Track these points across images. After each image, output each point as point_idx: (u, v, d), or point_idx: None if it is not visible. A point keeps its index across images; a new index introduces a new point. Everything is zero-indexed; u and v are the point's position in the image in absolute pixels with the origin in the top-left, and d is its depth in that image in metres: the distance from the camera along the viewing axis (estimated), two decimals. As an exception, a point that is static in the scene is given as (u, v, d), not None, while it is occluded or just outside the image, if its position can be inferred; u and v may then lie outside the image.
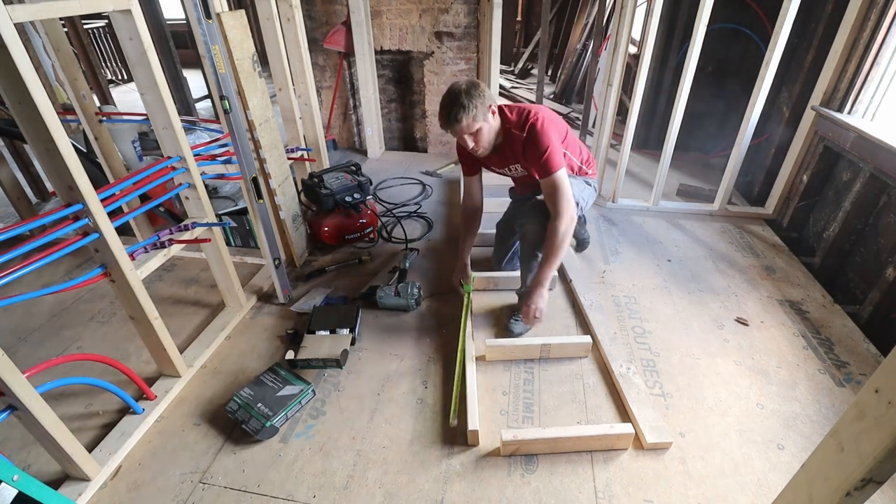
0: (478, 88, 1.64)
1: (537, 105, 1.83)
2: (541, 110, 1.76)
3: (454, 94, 1.63)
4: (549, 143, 1.68)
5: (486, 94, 1.65)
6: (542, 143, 1.68)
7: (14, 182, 2.65)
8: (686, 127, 2.70)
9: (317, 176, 2.56)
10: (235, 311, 2.08)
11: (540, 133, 1.68)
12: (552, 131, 1.71)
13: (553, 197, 1.69)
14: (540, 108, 1.79)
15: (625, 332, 1.97)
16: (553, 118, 1.78)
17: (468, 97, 1.61)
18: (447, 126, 1.68)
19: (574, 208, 1.69)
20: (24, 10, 1.14)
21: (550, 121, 1.75)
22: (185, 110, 4.26)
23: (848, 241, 2.26)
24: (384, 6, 3.38)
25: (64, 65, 1.91)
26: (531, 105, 1.80)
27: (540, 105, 1.86)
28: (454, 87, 1.65)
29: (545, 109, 1.80)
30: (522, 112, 1.75)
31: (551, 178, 1.67)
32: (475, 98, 1.62)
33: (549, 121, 1.73)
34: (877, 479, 0.74)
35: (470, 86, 1.64)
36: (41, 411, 1.20)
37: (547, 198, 1.72)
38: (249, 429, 1.53)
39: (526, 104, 1.80)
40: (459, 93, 1.62)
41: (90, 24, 6.51)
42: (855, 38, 2.24)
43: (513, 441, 1.45)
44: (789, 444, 1.50)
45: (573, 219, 1.68)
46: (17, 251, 1.22)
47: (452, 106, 1.62)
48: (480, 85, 1.65)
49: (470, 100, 1.61)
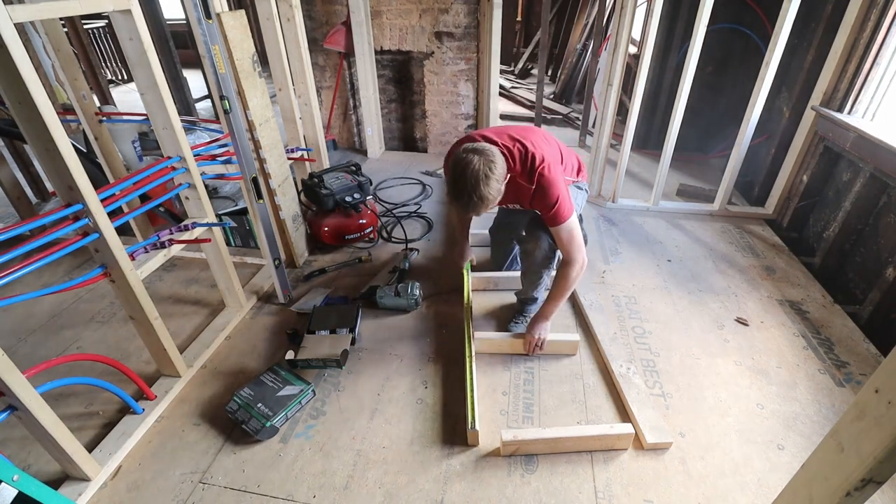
0: (494, 169, 1.44)
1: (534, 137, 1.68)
2: (543, 151, 1.62)
3: (472, 180, 1.42)
4: (558, 192, 1.58)
5: (500, 170, 1.47)
6: (551, 194, 1.58)
7: (14, 182, 2.65)
8: (686, 127, 2.70)
9: (317, 176, 2.56)
10: (235, 311, 2.08)
11: (549, 185, 1.57)
12: (559, 178, 1.60)
13: (565, 244, 1.64)
14: (540, 146, 1.64)
15: (625, 332, 1.97)
16: (553, 155, 1.67)
17: (487, 185, 1.43)
18: (465, 212, 1.56)
19: (584, 253, 1.65)
20: (24, 10, 1.14)
21: (555, 162, 1.64)
22: (185, 110, 4.26)
23: (848, 241, 2.26)
24: (384, 6, 3.38)
25: (64, 65, 1.91)
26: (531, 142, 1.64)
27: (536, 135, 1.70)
28: (469, 169, 1.43)
29: (544, 143, 1.68)
30: (527, 159, 1.60)
31: (562, 227, 1.60)
32: (493, 183, 1.45)
33: (553, 164, 1.61)
34: (877, 479, 0.74)
35: (487, 166, 1.43)
36: (41, 411, 1.20)
37: (558, 242, 1.67)
38: (249, 429, 1.53)
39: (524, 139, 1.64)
40: (477, 181, 1.42)
41: (90, 24, 6.51)
42: (855, 39, 2.24)
43: (513, 441, 1.45)
44: (789, 444, 1.50)
45: (584, 264, 1.65)
46: (17, 251, 1.22)
47: (472, 195, 1.44)
48: (495, 159, 1.46)
49: (488, 187, 1.44)
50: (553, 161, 1.64)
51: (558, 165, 1.68)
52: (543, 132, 1.81)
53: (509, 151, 1.60)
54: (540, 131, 1.79)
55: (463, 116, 3.75)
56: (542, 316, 1.78)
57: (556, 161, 1.68)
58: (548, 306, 1.75)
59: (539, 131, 1.78)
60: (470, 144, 1.51)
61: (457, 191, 1.47)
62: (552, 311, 1.76)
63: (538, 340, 1.77)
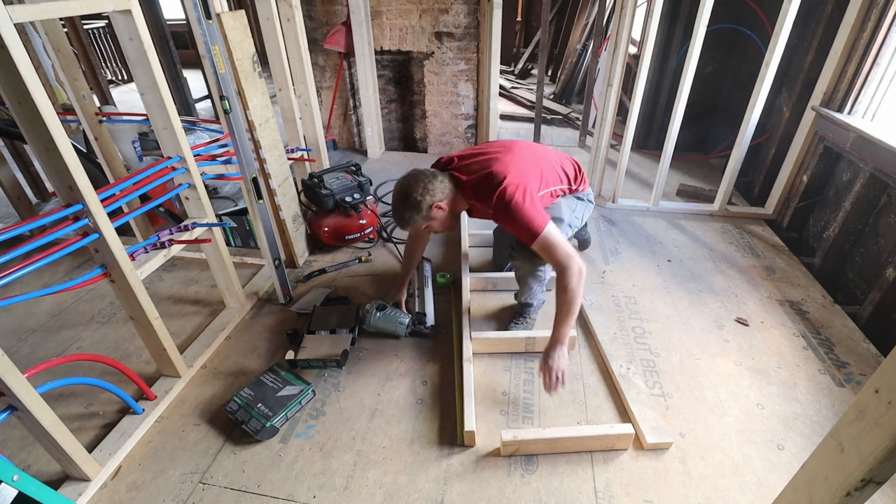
0: (413, 195, 1.58)
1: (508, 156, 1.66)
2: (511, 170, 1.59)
3: (395, 200, 1.64)
4: (521, 212, 1.52)
5: (426, 199, 1.58)
6: (513, 215, 1.53)
7: (14, 182, 2.65)
8: (686, 127, 2.70)
9: (317, 176, 2.56)
10: (235, 312, 2.08)
11: (508, 206, 1.53)
12: (523, 196, 1.54)
13: (550, 255, 1.54)
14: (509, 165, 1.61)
15: (625, 332, 1.97)
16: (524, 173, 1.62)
17: (405, 208, 1.60)
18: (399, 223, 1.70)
19: (578, 259, 1.52)
20: (24, 10, 1.14)
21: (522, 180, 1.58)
22: (185, 110, 4.26)
23: (848, 242, 2.26)
24: (384, 6, 3.38)
25: (64, 65, 1.91)
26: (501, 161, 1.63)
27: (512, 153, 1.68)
28: (396, 189, 1.64)
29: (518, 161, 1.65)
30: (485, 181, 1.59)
31: (539, 241, 1.52)
32: (412, 209, 1.60)
33: (520, 184, 1.56)
34: (877, 480, 0.74)
35: (409, 190, 1.59)
36: (41, 411, 1.20)
37: (544, 257, 1.58)
38: (249, 429, 1.53)
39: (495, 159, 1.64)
40: (399, 201, 1.62)
41: (90, 25, 6.52)
42: (855, 39, 2.24)
43: (513, 441, 1.45)
44: (789, 445, 1.50)
45: (581, 270, 1.51)
46: (17, 251, 1.22)
47: (396, 213, 1.65)
48: (420, 187, 1.58)
49: (406, 210, 1.61)
50: (520, 181, 1.57)
51: (528, 183, 1.59)
52: (529, 147, 1.78)
53: (467, 175, 1.66)
54: (524, 147, 1.75)
55: (463, 116, 3.75)
56: (555, 342, 1.54)
57: (524, 178, 1.60)
58: (558, 330, 1.54)
59: (522, 147, 1.75)
60: (416, 169, 1.65)
61: (392, 207, 1.68)
62: (565, 334, 1.53)
63: (557, 372, 1.51)
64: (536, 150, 1.80)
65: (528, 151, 1.75)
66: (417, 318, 1.99)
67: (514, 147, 1.74)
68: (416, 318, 1.98)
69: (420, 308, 2.05)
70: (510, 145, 1.75)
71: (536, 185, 1.68)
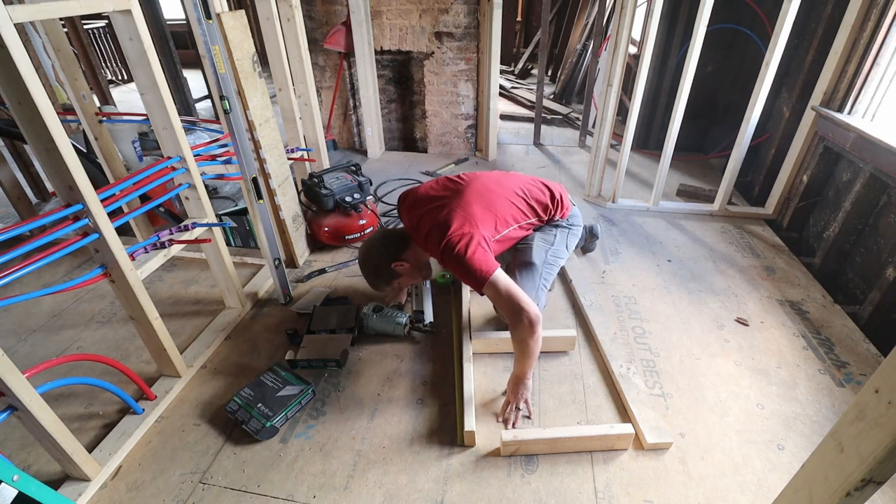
0: (370, 263, 1.76)
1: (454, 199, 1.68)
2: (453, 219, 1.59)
3: (361, 269, 1.84)
4: (465, 265, 1.50)
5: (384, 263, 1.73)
6: (460, 268, 1.53)
7: (14, 182, 2.65)
8: (686, 127, 2.70)
9: (317, 176, 2.56)
10: (235, 311, 2.08)
11: (453, 261, 1.53)
12: (466, 246, 1.51)
13: (498, 304, 1.55)
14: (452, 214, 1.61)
15: (625, 332, 1.97)
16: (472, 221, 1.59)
17: (368, 274, 1.81)
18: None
19: (531, 309, 1.45)
20: (24, 10, 1.14)
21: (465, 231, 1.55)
22: (185, 110, 4.26)
23: (848, 242, 2.26)
24: (384, 6, 3.38)
25: (64, 65, 1.91)
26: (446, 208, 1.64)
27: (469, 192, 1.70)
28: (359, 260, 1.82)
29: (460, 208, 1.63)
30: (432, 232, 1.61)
31: (487, 290, 1.50)
32: (374, 275, 1.79)
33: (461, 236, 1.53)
34: (877, 480, 0.74)
35: (367, 258, 1.78)
36: (41, 411, 1.20)
37: (494, 305, 1.63)
38: (249, 429, 1.53)
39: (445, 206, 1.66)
40: (363, 270, 1.82)
41: (90, 25, 6.52)
42: (855, 39, 2.24)
43: (513, 441, 1.45)
44: (789, 444, 1.50)
45: (532, 322, 1.45)
46: (17, 251, 1.22)
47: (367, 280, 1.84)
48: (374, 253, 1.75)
49: (370, 277, 1.81)
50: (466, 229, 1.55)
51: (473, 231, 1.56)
52: (485, 185, 1.74)
53: (418, 230, 1.70)
54: (478, 187, 1.72)
55: (463, 116, 3.76)
56: (519, 377, 1.57)
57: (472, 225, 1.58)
58: (521, 367, 1.55)
59: (477, 187, 1.72)
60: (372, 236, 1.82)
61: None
62: (526, 370, 1.54)
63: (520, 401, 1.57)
64: (493, 188, 1.74)
65: (481, 192, 1.71)
66: (415, 316, 2.00)
67: (467, 189, 1.71)
68: (414, 317, 2.00)
69: (417, 306, 2.05)
70: (463, 187, 1.73)
71: (490, 229, 1.64)
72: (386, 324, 1.92)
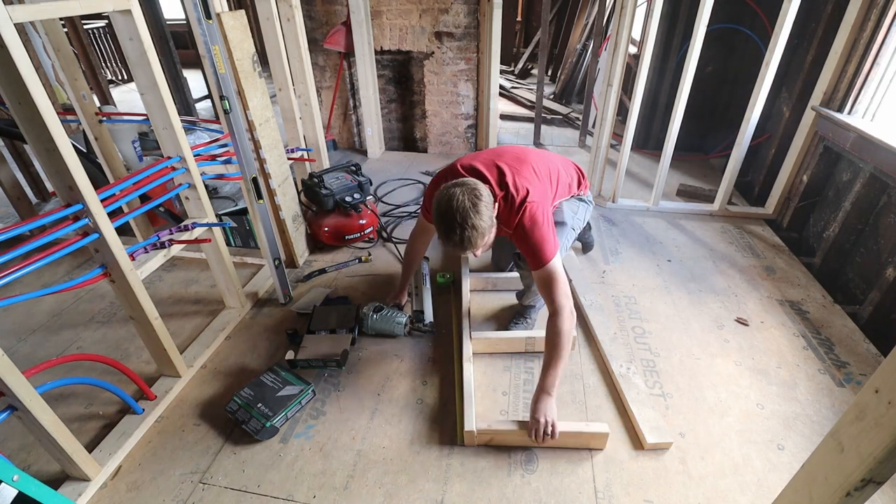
0: (481, 197, 1.38)
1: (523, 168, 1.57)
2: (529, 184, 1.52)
3: (461, 214, 1.34)
4: (538, 236, 1.45)
5: (488, 198, 1.40)
6: (532, 238, 1.46)
7: (14, 182, 2.65)
8: (686, 127, 2.70)
9: (317, 176, 2.56)
10: (235, 311, 2.08)
11: (528, 229, 1.46)
12: (543, 217, 1.48)
13: (548, 290, 1.45)
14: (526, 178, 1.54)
15: (625, 332, 1.97)
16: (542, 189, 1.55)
17: (477, 215, 1.35)
18: (458, 250, 1.42)
19: (571, 301, 1.46)
20: (24, 10, 1.14)
21: (541, 197, 1.52)
22: (185, 110, 4.26)
23: (848, 241, 2.26)
24: (384, 6, 3.39)
25: (64, 65, 1.91)
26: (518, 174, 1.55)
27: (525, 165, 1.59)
28: (455, 202, 1.35)
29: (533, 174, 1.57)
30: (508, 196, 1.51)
31: (544, 270, 1.45)
32: (484, 211, 1.37)
33: (539, 201, 1.49)
34: (877, 480, 0.74)
35: (473, 195, 1.37)
36: (41, 411, 1.20)
37: (541, 289, 1.50)
38: (249, 429, 1.53)
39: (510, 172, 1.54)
40: (466, 212, 1.34)
41: (90, 25, 6.51)
42: (855, 39, 2.24)
43: (487, 430, 1.47)
44: (789, 444, 1.50)
45: (573, 313, 1.46)
46: (17, 251, 1.22)
47: (464, 227, 1.34)
48: (479, 188, 1.40)
49: (479, 216, 1.35)
50: (540, 197, 1.52)
51: (545, 200, 1.54)
52: (538, 155, 1.70)
53: (491, 186, 1.51)
54: (536, 159, 1.66)
55: (463, 116, 3.76)
56: (543, 390, 1.45)
57: (544, 194, 1.56)
58: (547, 378, 1.45)
59: (535, 159, 1.66)
60: (453, 181, 1.44)
61: (446, 226, 1.37)
62: (555, 382, 1.44)
63: (546, 425, 1.42)
64: (546, 161, 1.71)
65: (541, 164, 1.67)
66: (415, 316, 2.00)
67: (528, 158, 1.64)
68: (414, 317, 1.99)
69: (417, 306, 2.05)
70: (522, 156, 1.65)
71: (550, 201, 1.61)
72: (386, 324, 1.92)
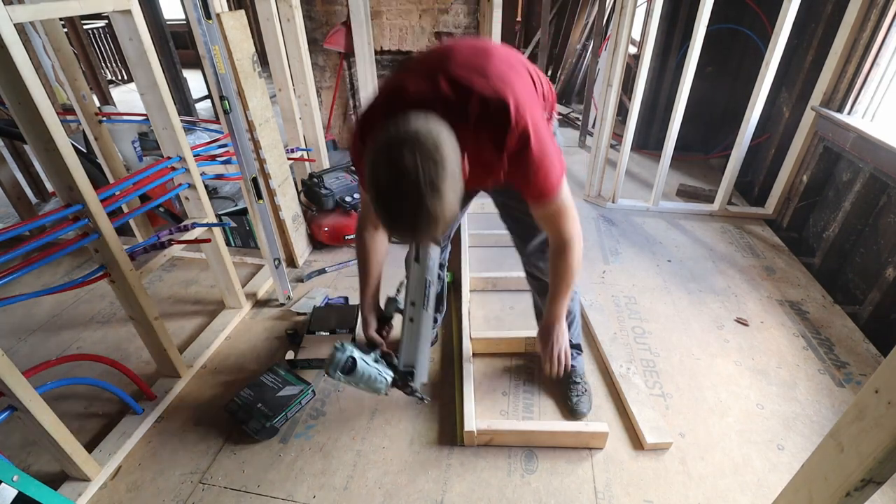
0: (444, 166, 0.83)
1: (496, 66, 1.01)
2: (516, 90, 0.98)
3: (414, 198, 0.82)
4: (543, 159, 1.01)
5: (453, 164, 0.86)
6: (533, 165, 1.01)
7: (14, 182, 2.65)
8: (686, 127, 2.70)
9: (317, 176, 2.56)
10: (235, 312, 2.08)
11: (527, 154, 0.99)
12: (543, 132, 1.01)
13: (554, 223, 1.14)
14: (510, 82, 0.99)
15: (625, 332, 1.97)
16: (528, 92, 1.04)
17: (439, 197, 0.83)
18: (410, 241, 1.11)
19: (580, 227, 1.16)
20: (24, 11, 1.14)
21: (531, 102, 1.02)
22: (185, 110, 4.26)
23: (848, 242, 2.26)
24: (384, 6, 3.38)
25: (64, 65, 1.91)
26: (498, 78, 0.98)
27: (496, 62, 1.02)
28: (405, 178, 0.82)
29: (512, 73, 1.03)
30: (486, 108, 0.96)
31: (552, 204, 1.09)
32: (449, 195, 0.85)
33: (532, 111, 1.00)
34: (877, 480, 0.74)
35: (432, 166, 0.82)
36: (41, 411, 1.20)
37: (545, 224, 1.18)
38: (249, 429, 1.53)
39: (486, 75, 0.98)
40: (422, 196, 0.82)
41: (90, 25, 6.51)
42: (855, 39, 2.24)
43: (487, 430, 1.47)
44: (789, 445, 1.50)
45: (581, 242, 1.18)
46: (16, 252, 1.22)
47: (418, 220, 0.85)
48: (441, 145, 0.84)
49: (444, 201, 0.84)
50: (530, 102, 1.01)
51: (537, 107, 1.05)
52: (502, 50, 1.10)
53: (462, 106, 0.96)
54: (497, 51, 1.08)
55: (463, 116, 3.75)
56: (551, 320, 1.30)
57: (533, 99, 1.05)
58: (554, 308, 1.28)
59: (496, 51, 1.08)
60: (395, 128, 0.85)
61: (389, 215, 0.88)
62: (561, 311, 1.29)
63: (558, 351, 1.31)
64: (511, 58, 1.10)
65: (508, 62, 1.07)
66: (401, 377, 1.32)
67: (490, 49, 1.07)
68: (400, 378, 1.32)
69: (408, 357, 1.34)
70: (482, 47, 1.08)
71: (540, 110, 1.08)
72: (359, 385, 1.29)
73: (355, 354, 1.26)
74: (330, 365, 1.25)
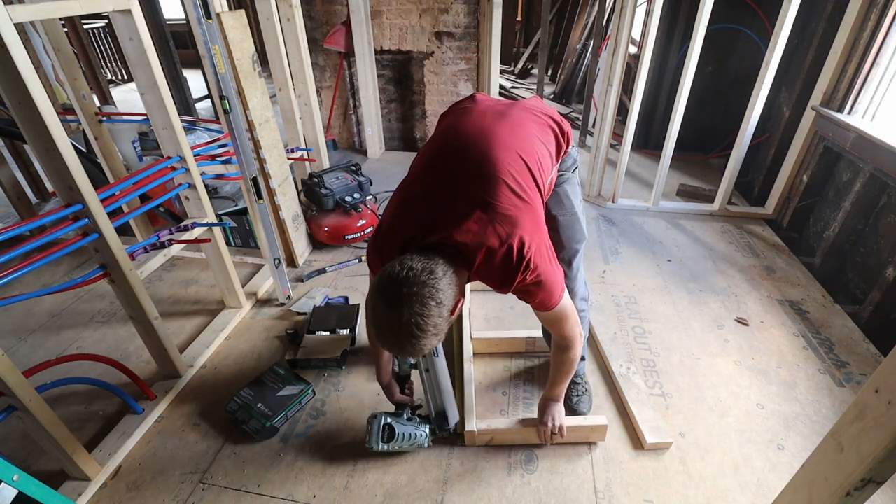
0: (428, 319, 0.95)
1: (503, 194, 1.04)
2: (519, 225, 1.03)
3: (402, 335, 0.95)
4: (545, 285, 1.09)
5: (444, 310, 0.99)
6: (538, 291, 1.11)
7: (14, 182, 2.65)
8: (686, 127, 2.70)
9: (317, 176, 2.56)
10: (235, 311, 2.08)
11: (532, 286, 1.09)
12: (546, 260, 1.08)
13: (557, 327, 1.23)
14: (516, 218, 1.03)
15: (625, 332, 1.97)
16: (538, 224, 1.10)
17: (424, 336, 0.96)
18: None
19: (580, 326, 1.27)
20: (24, 10, 1.14)
21: (537, 237, 1.06)
22: (185, 110, 4.26)
23: (848, 241, 2.26)
24: (384, 6, 3.38)
25: (64, 65, 1.91)
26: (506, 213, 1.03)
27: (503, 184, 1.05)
28: (399, 323, 0.93)
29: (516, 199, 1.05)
30: (495, 255, 1.02)
31: (554, 312, 1.17)
32: (430, 336, 0.98)
33: (538, 248, 1.05)
34: (877, 479, 0.74)
35: (422, 318, 0.94)
36: (41, 411, 1.20)
37: (548, 325, 1.27)
38: (249, 429, 1.53)
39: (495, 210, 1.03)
40: (407, 336, 0.95)
41: (90, 24, 6.51)
42: (855, 39, 2.24)
43: (487, 430, 1.48)
44: (789, 444, 1.50)
45: (582, 339, 1.31)
46: (16, 251, 1.22)
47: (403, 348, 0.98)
48: (435, 296, 0.95)
49: (426, 338, 0.97)
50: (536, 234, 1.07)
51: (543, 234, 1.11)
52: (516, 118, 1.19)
53: (466, 258, 1.04)
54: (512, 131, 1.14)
55: (463, 116, 3.75)
56: (551, 399, 1.45)
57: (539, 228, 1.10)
58: (554, 389, 1.41)
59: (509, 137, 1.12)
60: (400, 266, 0.95)
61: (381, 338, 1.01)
62: (560, 394, 1.43)
63: (554, 427, 1.43)
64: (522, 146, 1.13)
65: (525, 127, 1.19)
66: (437, 422, 1.47)
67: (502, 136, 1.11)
68: (436, 423, 1.47)
69: (436, 404, 1.45)
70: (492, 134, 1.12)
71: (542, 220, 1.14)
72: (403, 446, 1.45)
73: (389, 420, 1.42)
74: (370, 438, 1.41)
